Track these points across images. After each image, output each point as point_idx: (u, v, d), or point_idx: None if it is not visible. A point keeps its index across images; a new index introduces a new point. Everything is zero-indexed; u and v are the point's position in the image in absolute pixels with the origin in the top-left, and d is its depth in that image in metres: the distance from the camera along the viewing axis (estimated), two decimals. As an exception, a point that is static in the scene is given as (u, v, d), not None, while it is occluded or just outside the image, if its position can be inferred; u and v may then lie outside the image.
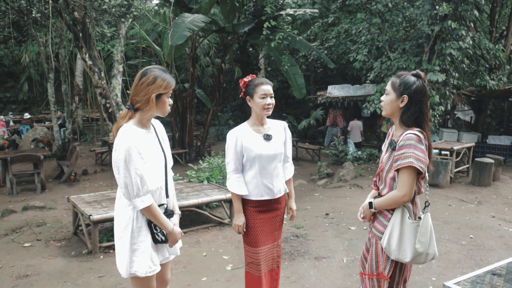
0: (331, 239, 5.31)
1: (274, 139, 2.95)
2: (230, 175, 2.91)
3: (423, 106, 2.33)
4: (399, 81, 2.37)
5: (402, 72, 2.44)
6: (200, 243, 5.23)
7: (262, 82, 2.87)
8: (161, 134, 2.47)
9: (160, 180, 2.34)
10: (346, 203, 7.25)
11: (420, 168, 2.20)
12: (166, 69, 2.36)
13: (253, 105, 2.87)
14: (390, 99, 2.41)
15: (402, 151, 2.25)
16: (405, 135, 2.29)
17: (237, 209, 2.91)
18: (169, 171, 2.45)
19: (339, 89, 14.37)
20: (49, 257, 4.85)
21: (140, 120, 2.29)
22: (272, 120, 3.06)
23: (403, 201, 2.25)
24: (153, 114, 2.30)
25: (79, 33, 4.83)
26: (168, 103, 2.32)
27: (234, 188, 2.87)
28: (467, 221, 5.97)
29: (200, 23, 9.97)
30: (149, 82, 2.20)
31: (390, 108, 2.42)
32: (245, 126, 2.94)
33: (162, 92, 2.24)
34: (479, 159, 8.72)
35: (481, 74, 11.49)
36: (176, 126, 12.98)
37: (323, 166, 10.36)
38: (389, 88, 2.43)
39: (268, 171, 2.90)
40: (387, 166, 2.39)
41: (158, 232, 2.30)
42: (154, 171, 2.28)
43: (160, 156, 2.38)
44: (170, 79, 2.27)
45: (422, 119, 2.34)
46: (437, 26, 8.45)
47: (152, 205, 2.23)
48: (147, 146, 2.26)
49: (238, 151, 2.85)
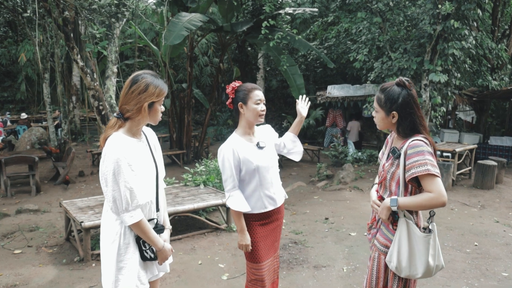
0: (331, 246, 5.15)
1: (267, 146, 2.81)
2: (230, 193, 2.71)
3: (415, 116, 2.22)
4: (384, 97, 2.25)
5: (385, 84, 2.31)
6: (195, 250, 5.07)
7: (255, 87, 2.71)
8: (153, 143, 2.31)
9: (151, 193, 2.19)
10: (346, 207, 7.09)
11: (437, 174, 2.09)
12: (158, 74, 2.20)
13: (246, 112, 2.69)
14: (380, 117, 2.31)
15: (415, 159, 2.12)
16: (411, 142, 2.17)
17: (242, 228, 2.71)
18: (160, 182, 2.29)
19: (339, 89, 14.20)
20: (40, 265, 4.69)
21: (130, 129, 2.13)
22: (256, 127, 2.89)
23: (442, 203, 2.08)
24: (144, 122, 2.16)
25: (70, 33, 4.67)
26: (160, 111, 2.17)
27: (239, 206, 2.67)
28: (471, 227, 5.81)
29: (198, 22, 9.81)
30: (141, 90, 2.05)
31: (384, 124, 2.33)
32: (236, 137, 2.76)
33: (155, 100, 2.09)
34: (482, 161, 8.56)
35: (483, 74, 11.32)
36: (173, 126, 12.82)
37: (322, 168, 10.20)
38: (376, 106, 2.32)
39: (267, 180, 2.76)
40: (389, 174, 2.26)
41: (147, 249, 2.15)
42: (145, 183, 2.13)
43: (152, 167, 2.22)
44: (162, 85, 2.12)
45: (419, 127, 2.23)
46: (440, 25, 8.27)
47: (142, 220, 2.07)
48: (138, 156, 2.11)
49: (236, 165, 2.66)
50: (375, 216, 2.39)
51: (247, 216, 2.76)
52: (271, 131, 3.00)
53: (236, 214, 2.69)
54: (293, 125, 3.06)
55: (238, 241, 2.75)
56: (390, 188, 2.26)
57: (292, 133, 3.03)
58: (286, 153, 3.05)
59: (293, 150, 3.03)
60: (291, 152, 3.05)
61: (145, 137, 2.26)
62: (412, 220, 2.17)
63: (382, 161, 2.42)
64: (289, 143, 3.01)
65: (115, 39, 6.30)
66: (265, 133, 2.91)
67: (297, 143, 3.03)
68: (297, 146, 3.04)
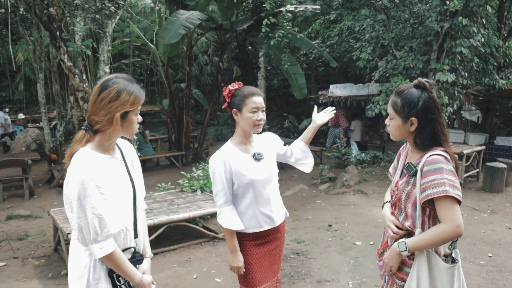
0: (335, 257, 4.85)
1: (265, 158, 2.48)
2: (221, 209, 2.41)
3: (436, 124, 1.89)
4: (401, 101, 1.92)
5: (401, 87, 1.98)
6: (191, 262, 4.77)
7: (253, 92, 2.38)
8: (130, 159, 1.99)
9: (127, 219, 1.87)
10: (350, 212, 6.78)
11: (457, 196, 1.76)
12: (133, 78, 1.88)
13: (240, 120, 2.38)
14: (396, 124, 1.97)
15: (431, 177, 1.80)
16: (428, 157, 1.85)
17: (234, 248, 2.41)
18: (139, 204, 1.97)
19: (342, 88, 13.86)
20: (24, 279, 4.39)
21: (100, 144, 1.81)
22: (255, 135, 2.58)
23: (458, 235, 1.78)
24: (117, 136, 1.84)
25: (56, 31, 4.37)
26: (137, 121, 1.86)
27: (229, 223, 2.36)
28: (483, 235, 5.49)
29: (196, 21, 9.50)
30: (112, 98, 1.73)
31: (399, 134, 1.99)
32: (230, 147, 2.45)
33: (129, 109, 1.77)
34: (490, 163, 8.24)
35: (490, 73, 10.97)
36: (172, 127, 12.51)
37: (325, 170, 9.88)
38: (391, 112, 1.98)
39: (264, 197, 2.44)
40: (404, 194, 1.93)
41: (121, 284, 1.83)
42: (119, 208, 1.81)
43: (128, 187, 1.90)
44: (137, 91, 1.81)
45: (439, 138, 1.90)
46: (447, 22, 7.93)
47: (114, 252, 1.75)
48: (110, 176, 1.79)
49: (227, 178, 2.36)
50: (387, 240, 2.07)
51: (240, 235, 2.45)
52: (274, 139, 2.67)
53: (228, 232, 2.39)
54: (305, 132, 2.73)
55: (230, 262, 2.45)
56: (405, 210, 1.95)
57: (303, 142, 2.71)
58: (293, 162, 2.73)
59: (303, 161, 2.72)
60: (300, 163, 2.73)
61: (119, 152, 1.94)
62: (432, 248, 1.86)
63: (395, 178, 2.09)
64: (298, 152, 2.70)
65: (107, 38, 5.99)
66: (266, 142, 2.59)
67: (307, 154, 2.72)
68: (307, 158, 2.72)
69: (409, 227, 1.94)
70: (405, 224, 1.95)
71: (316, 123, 2.69)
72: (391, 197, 2.10)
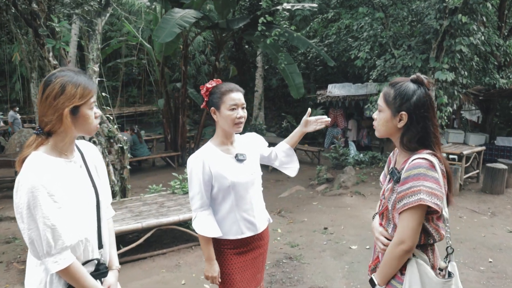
0: (330, 261, 4.68)
1: (248, 159, 2.30)
2: (196, 214, 2.24)
3: (429, 123, 1.71)
4: (394, 92, 1.74)
5: (398, 79, 1.80)
6: (180, 267, 4.60)
7: (231, 88, 2.21)
8: (92, 161, 1.81)
9: (88, 228, 1.69)
10: (347, 215, 6.61)
11: (434, 205, 1.58)
12: (82, 70, 1.71)
13: (219, 119, 2.23)
14: (384, 117, 1.78)
15: (408, 185, 1.62)
16: (411, 162, 1.66)
17: (209, 256, 2.23)
18: (103, 212, 1.79)
19: (340, 88, 13.70)
20: (6, 285, 4.23)
21: (54, 146, 1.63)
22: (237, 135, 2.42)
23: (401, 252, 1.63)
24: (73, 135, 1.66)
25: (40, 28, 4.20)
26: (94, 116, 1.67)
27: (205, 229, 2.19)
28: (483, 239, 5.32)
29: (191, 19, 9.34)
30: (56, 94, 1.56)
31: (385, 129, 1.80)
32: (210, 147, 2.28)
33: (78, 103, 1.59)
34: (491, 164, 8.07)
35: (490, 72, 10.79)
36: (168, 127, 12.35)
37: (322, 170, 9.71)
38: (381, 103, 1.79)
39: (246, 201, 2.27)
40: (390, 203, 1.75)
41: None
42: (78, 217, 1.63)
43: (89, 193, 1.72)
44: (86, 83, 1.62)
45: (429, 139, 1.71)
46: (446, 20, 7.76)
47: (72, 265, 1.57)
48: (66, 181, 1.61)
49: (205, 180, 2.19)
50: (378, 255, 1.89)
51: (220, 242, 2.28)
52: (257, 140, 2.51)
53: (203, 239, 2.21)
54: (291, 135, 2.56)
55: (204, 271, 2.28)
56: (394, 221, 1.77)
57: (288, 145, 2.54)
58: (278, 166, 2.57)
59: (287, 165, 2.56)
60: (285, 167, 2.57)
61: (79, 155, 1.77)
62: (426, 261, 1.69)
63: (384, 185, 1.92)
64: (283, 155, 2.54)
65: (96, 36, 5.82)
66: (249, 143, 2.42)
67: (292, 158, 2.55)
68: (292, 162, 2.55)
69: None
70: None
71: (303, 128, 2.52)
72: (379, 206, 1.93)
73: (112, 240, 1.89)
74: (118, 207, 5.32)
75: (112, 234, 1.90)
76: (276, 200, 7.95)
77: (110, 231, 1.88)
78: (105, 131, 5.70)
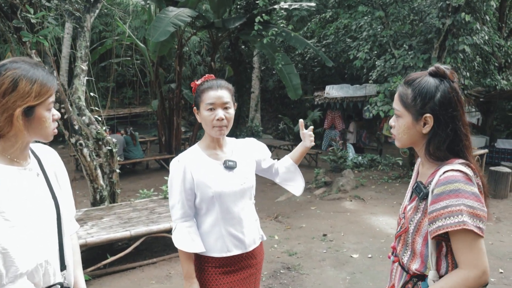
0: (330, 271, 4.41)
1: (239, 167, 2.02)
2: (176, 224, 1.96)
3: (459, 124, 1.41)
4: (412, 91, 1.45)
5: (413, 75, 1.50)
6: (171, 278, 4.32)
7: (211, 86, 1.92)
8: (51, 168, 1.53)
9: (48, 248, 1.40)
10: (347, 220, 6.35)
11: (477, 229, 1.29)
12: (40, 62, 1.43)
13: (201, 121, 1.95)
14: (404, 124, 1.48)
15: (444, 203, 1.32)
16: (442, 174, 1.36)
17: (188, 273, 1.94)
18: (65, 227, 1.50)
19: (338, 89, 13.46)
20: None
21: (3, 152, 1.35)
22: (233, 140, 2.14)
23: (484, 282, 1.32)
24: (26, 140, 1.37)
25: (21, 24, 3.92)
26: (52, 118, 1.39)
27: (183, 243, 1.90)
28: (491, 247, 5.05)
29: (186, 18, 9.08)
30: (6, 90, 1.27)
31: (408, 137, 1.50)
32: (195, 151, 2.01)
33: (33, 103, 1.31)
34: (494, 168, 7.84)
35: (492, 73, 10.57)
36: (163, 129, 12.07)
37: (320, 174, 9.45)
38: (398, 107, 1.49)
39: (234, 215, 1.97)
40: (412, 225, 1.45)
41: None
42: (34, 235, 1.34)
43: (48, 206, 1.43)
44: (44, 78, 1.34)
45: (461, 144, 1.41)
46: (449, 19, 7.52)
47: None
48: (19, 193, 1.33)
49: (187, 188, 1.92)
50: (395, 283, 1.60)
51: (203, 259, 1.99)
52: (257, 148, 2.21)
53: (183, 254, 1.93)
54: (294, 151, 2.31)
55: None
56: (413, 246, 1.47)
57: (291, 161, 2.28)
58: (279, 182, 2.31)
59: (289, 182, 2.30)
60: (287, 184, 2.31)
61: (36, 162, 1.48)
62: None
63: (404, 201, 1.62)
64: (283, 171, 2.28)
65: (85, 33, 5.55)
66: (244, 149, 2.13)
67: (296, 175, 2.29)
68: (295, 179, 2.29)
69: (416, 271, 1.46)
70: (412, 267, 1.47)
71: (305, 145, 2.27)
72: (397, 226, 1.63)
73: (76, 259, 1.61)
74: (106, 213, 5.04)
75: (76, 251, 1.62)
76: (272, 204, 7.68)
77: (74, 249, 1.60)
78: (94, 133, 5.42)
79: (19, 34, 3.99)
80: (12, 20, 3.88)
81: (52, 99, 1.37)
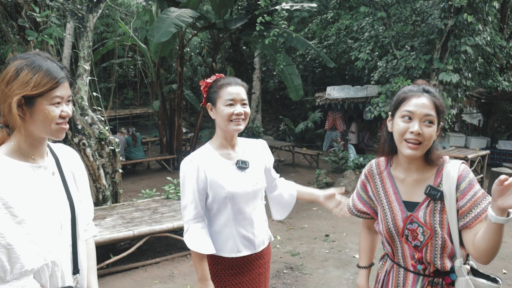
0: (333, 272, 4.40)
1: (251, 168, 2.00)
2: (189, 225, 1.92)
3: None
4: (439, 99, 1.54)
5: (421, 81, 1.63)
6: (174, 278, 4.32)
7: (230, 82, 1.91)
8: (69, 168, 1.50)
9: (58, 249, 1.36)
10: (348, 221, 6.35)
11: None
12: (52, 55, 1.42)
13: (216, 117, 1.93)
14: (435, 131, 1.54)
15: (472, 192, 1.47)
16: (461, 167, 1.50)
17: (203, 275, 1.90)
18: (80, 229, 1.47)
19: (339, 90, 13.47)
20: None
21: (18, 147, 1.32)
22: (244, 139, 2.12)
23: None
24: (35, 135, 1.33)
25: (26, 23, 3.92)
26: (60, 114, 1.33)
27: (197, 245, 1.87)
28: (493, 248, 5.05)
29: (187, 18, 9.08)
30: (10, 78, 1.26)
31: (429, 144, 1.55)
32: (207, 150, 1.98)
33: (31, 93, 1.26)
34: (496, 169, 7.83)
35: (493, 75, 10.57)
36: (164, 129, 12.07)
37: (322, 174, 9.45)
38: (434, 113, 1.50)
39: (245, 215, 1.96)
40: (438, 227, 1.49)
41: None
42: (44, 234, 1.31)
43: (63, 206, 1.40)
44: (50, 70, 1.29)
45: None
46: (451, 20, 7.52)
47: None
48: (31, 190, 1.30)
49: (200, 188, 1.89)
50: None
51: (213, 260, 1.98)
52: (266, 152, 2.18)
53: (196, 256, 1.89)
54: (306, 190, 2.31)
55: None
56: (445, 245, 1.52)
57: (296, 193, 2.27)
58: (269, 198, 2.30)
59: (278, 207, 2.30)
60: (274, 206, 2.31)
61: (54, 160, 1.45)
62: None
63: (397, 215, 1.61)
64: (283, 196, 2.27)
65: (88, 33, 5.55)
66: (256, 150, 2.10)
67: (289, 207, 2.30)
68: (285, 210, 2.31)
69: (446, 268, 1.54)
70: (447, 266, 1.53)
71: (320, 198, 2.25)
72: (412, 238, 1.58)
73: (91, 265, 1.57)
74: (109, 213, 5.03)
75: (92, 257, 1.59)
76: (274, 205, 7.68)
77: (90, 254, 1.58)
78: (96, 133, 5.42)
79: (23, 34, 3.99)
80: (15, 19, 3.87)
81: (58, 93, 1.31)
